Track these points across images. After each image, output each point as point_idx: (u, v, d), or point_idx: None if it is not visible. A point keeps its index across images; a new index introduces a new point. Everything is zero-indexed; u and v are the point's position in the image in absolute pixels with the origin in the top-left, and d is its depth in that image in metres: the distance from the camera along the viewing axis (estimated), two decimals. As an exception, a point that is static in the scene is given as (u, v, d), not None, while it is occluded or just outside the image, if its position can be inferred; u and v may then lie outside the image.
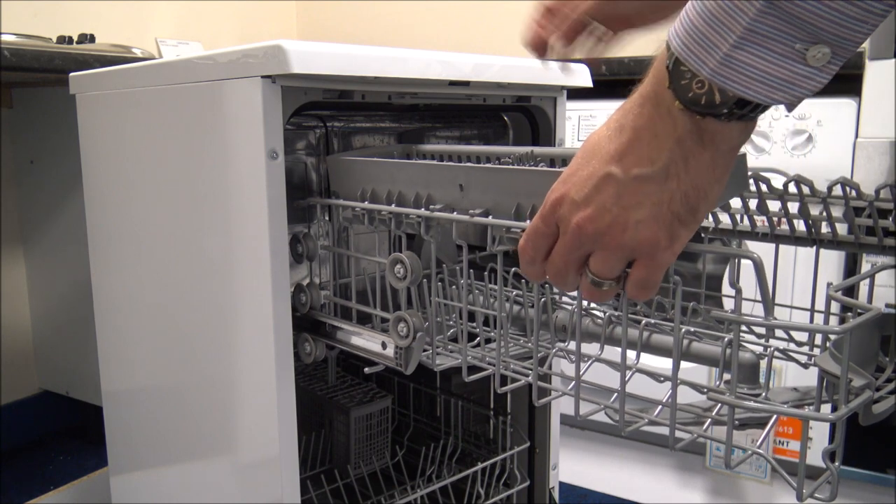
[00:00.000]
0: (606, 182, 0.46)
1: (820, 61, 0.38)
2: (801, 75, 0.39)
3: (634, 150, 0.45)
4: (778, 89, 0.39)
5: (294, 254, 0.81)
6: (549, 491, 1.06)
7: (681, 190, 0.45)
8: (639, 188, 0.45)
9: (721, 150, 0.44)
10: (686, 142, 0.43)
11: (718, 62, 0.39)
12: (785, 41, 0.38)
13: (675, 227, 0.46)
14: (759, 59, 0.39)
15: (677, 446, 0.55)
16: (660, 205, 0.45)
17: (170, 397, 0.90)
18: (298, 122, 0.96)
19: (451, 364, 0.72)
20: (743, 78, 0.39)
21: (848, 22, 0.37)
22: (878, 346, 0.56)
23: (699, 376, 1.00)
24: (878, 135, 1.26)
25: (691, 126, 0.43)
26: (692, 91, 0.41)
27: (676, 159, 0.44)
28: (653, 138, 0.44)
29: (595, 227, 0.46)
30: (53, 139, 1.66)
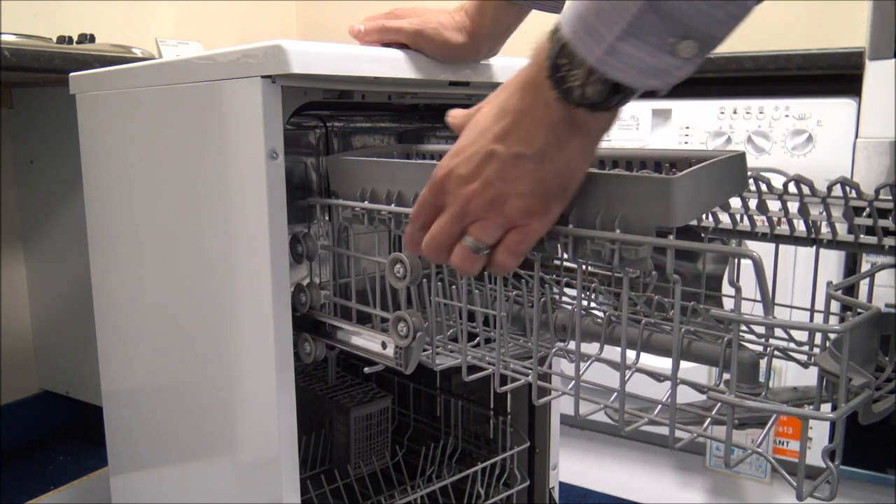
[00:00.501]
0: (490, 158, 0.51)
1: (689, 53, 0.44)
2: (672, 65, 0.44)
3: (515, 132, 0.50)
4: (652, 77, 0.45)
5: (294, 254, 0.81)
6: (549, 491, 1.06)
7: (555, 169, 0.50)
8: (519, 165, 0.50)
9: (590, 136, 0.50)
10: (560, 128, 0.49)
11: (604, 51, 0.44)
12: (661, 35, 0.43)
13: (548, 201, 0.52)
14: (638, 50, 0.44)
15: (677, 446, 0.55)
16: (536, 181, 0.51)
17: (170, 397, 0.90)
18: (298, 122, 0.96)
19: (450, 364, 0.72)
20: (624, 67, 0.44)
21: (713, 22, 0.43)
22: (877, 346, 0.56)
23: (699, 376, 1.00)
24: (878, 135, 1.26)
25: (565, 114, 0.48)
26: (568, 83, 0.46)
27: (551, 142, 0.49)
28: (532, 122, 0.49)
29: (481, 199, 0.52)
30: (53, 139, 1.66)
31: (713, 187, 0.56)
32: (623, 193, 0.53)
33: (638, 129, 1.52)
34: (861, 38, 1.31)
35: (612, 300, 0.82)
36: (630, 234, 0.52)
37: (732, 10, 0.42)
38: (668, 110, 1.49)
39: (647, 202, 0.52)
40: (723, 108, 1.43)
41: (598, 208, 0.55)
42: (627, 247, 0.52)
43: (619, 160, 0.73)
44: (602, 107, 0.47)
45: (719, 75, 1.43)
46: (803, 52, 1.35)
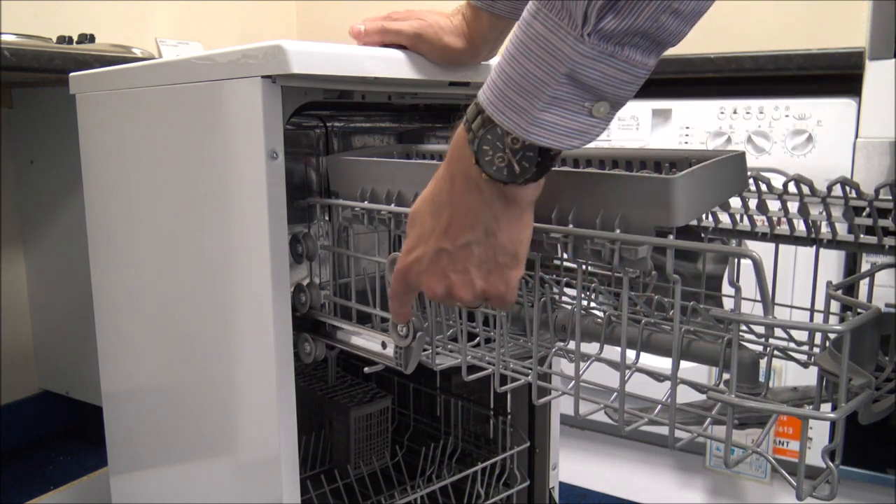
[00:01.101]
0: (440, 256, 0.56)
1: (602, 113, 0.48)
2: (589, 125, 0.49)
3: (456, 223, 0.55)
4: (575, 138, 0.49)
5: (294, 254, 0.81)
6: (549, 491, 1.06)
7: (500, 243, 0.54)
8: (468, 253, 0.55)
9: (523, 206, 0.54)
10: (495, 205, 0.53)
11: (529, 122, 0.48)
12: (577, 102, 0.48)
13: (505, 273, 0.56)
14: (560, 117, 0.48)
15: (677, 446, 0.55)
16: (488, 261, 0.55)
17: (170, 397, 0.90)
18: (298, 122, 0.96)
19: (450, 364, 0.72)
20: (548, 133, 0.48)
21: (621, 84, 0.47)
22: (877, 346, 0.56)
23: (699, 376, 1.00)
24: (878, 135, 1.26)
25: (497, 192, 0.52)
26: (495, 165, 0.51)
27: (490, 221, 0.54)
28: (468, 208, 0.54)
29: (443, 290, 0.58)
30: (53, 139, 1.66)
31: (713, 187, 0.56)
32: (623, 193, 0.53)
33: (638, 129, 1.52)
34: (861, 38, 1.31)
35: (612, 300, 0.82)
36: (630, 234, 0.52)
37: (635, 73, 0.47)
38: (668, 110, 1.49)
39: (647, 202, 0.52)
40: (723, 108, 1.43)
41: (598, 208, 0.55)
42: (627, 247, 0.52)
43: (619, 160, 0.73)
44: (529, 180, 0.51)
45: (719, 75, 1.43)
46: (803, 52, 1.35)
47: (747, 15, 1.81)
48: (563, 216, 0.57)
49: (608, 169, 0.74)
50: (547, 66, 0.46)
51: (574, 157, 0.79)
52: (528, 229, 0.55)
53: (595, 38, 0.45)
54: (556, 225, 0.57)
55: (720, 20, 1.95)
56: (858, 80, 1.29)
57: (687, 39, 0.49)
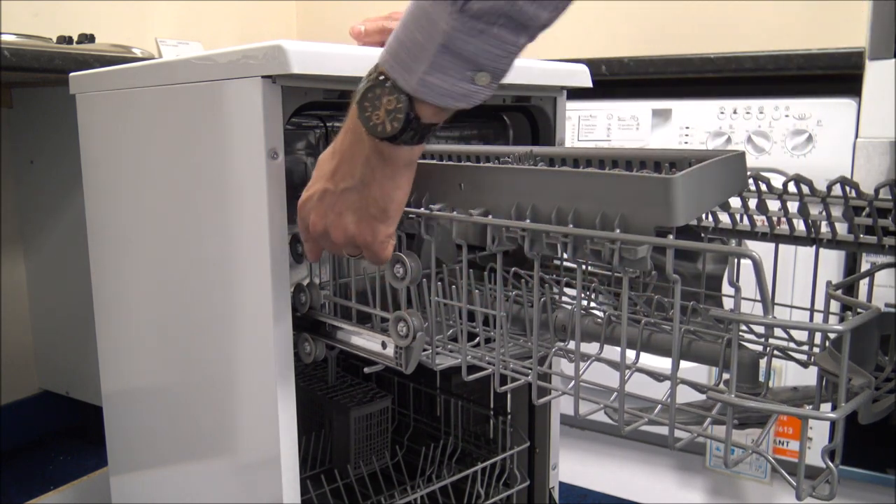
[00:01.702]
0: (325, 195, 0.63)
1: (484, 82, 0.54)
2: (472, 90, 0.55)
3: (341, 169, 0.62)
4: (459, 100, 0.55)
5: (294, 254, 0.81)
6: (548, 491, 1.06)
7: (373, 196, 0.61)
8: (346, 198, 0.62)
9: (397, 166, 0.60)
10: (372, 160, 0.59)
11: (417, 83, 0.54)
12: (458, 70, 0.53)
13: (374, 224, 0.62)
14: (443, 81, 0.54)
15: (677, 446, 0.55)
16: (361, 209, 0.62)
17: (170, 397, 0.90)
18: (298, 122, 0.96)
19: (450, 364, 0.72)
20: (434, 94, 0.54)
21: (496, 58, 0.53)
22: (877, 346, 0.56)
23: (699, 376, 1.00)
24: (878, 135, 1.26)
25: (375, 147, 0.59)
26: (372, 121, 0.57)
27: (367, 173, 0.60)
28: (351, 158, 0.61)
29: (321, 228, 0.65)
30: (53, 139, 1.66)
31: (713, 187, 0.56)
32: (623, 193, 0.53)
33: (638, 129, 1.52)
34: (861, 38, 1.31)
35: (612, 300, 0.82)
36: (630, 234, 0.52)
37: (507, 49, 0.53)
38: (668, 110, 1.49)
39: (647, 202, 0.52)
40: (723, 108, 1.43)
41: (598, 208, 0.55)
42: (627, 247, 0.52)
43: (619, 160, 0.73)
44: (398, 140, 0.57)
45: (719, 75, 1.43)
46: (803, 52, 1.35)
47: (747, 15, 1.81)
48: (562, 216, 0.57)
49: (608, 169, 0.74)
50: (428, 35, 0.52)
51: (574, 158, 0.79)
52: (401, 190, 0.61)
53: (466, 17, 0.50)
54: (556, 225, 0.57)
55: (720, 20, 1.95)
56: (858, 80, 1.29)
57: (687, 39, 0.49)
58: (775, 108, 1.38)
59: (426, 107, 0.55)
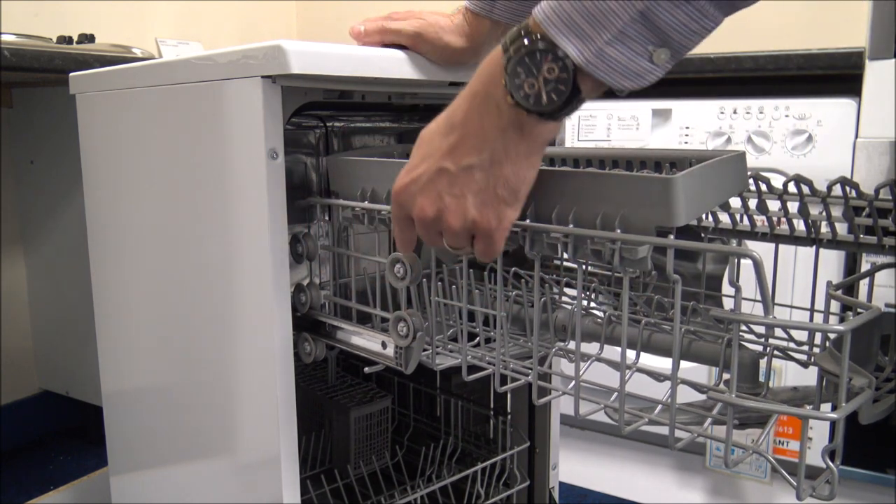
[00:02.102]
0: (441, 175, 0.55)
1: (662, 61, 0.48)
2: (646, 70, 0.48)
3: (463, 144, 0.53)
4: (629, 79, 0.49)
5: (294, 254, 0.81)
6: (548, 491, 1.06)
7: (503, 175, 0.53)
8: (469, 177, 0.54)
9: (536, 143, 0.53)
10: (509, 132, 0.52)
11: (594, 54, 0.48)
12: (642, 43, 0.47)
13: (501, 208, 0.54)
14: (622, 54, 0.48)
15: (677, 446, 0.55)
16: (486, 190, 0.54)
17: (170, 397, 0.90)
18: (298, 122, 0.96)
19: (451, 364, 0.72)
20: (606, 69, 0.48)
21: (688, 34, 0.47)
22: (877, 346, 0.56)
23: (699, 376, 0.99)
24: (878, 135, 1.26)
25: (515, 120, 0.51)
26: (523, 91, 0.50)
27: (499, 149, 0.52)
28: (479, 130, 0.53)
29: (433, 213, 0.56)
30: (53, 139, 1.66)
31: (713, 187, 0.56)
32: (623, 193, 0.53)
33: (638, 129, 1.52)
34: (861, 38, 1.31)
35: (612, 300, 0.82)
36: (630, 234, 0.52)
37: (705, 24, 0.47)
38: (668, 110, 1.49)
39: (647, 202, 0.52)
40: (723, 108, 1.43)
41: (598, 208, 0.55)
42: (627, 247, 0.52)
43: (619, 160, 0.74)
44: (553, 115, 0.50)
45: (719, 75, 1.43)
46: (803, 52, 1.35)
47: (747, 15, 1.80)
48: (563, 216, 0.57)
49: (608, 169, 0.74)
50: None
51: (574, 158, 0.79)
52: (535, 170, 0.54)
53: None
54: (557, 225, 0.57)
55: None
56: (858, 80, 1.29)
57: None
58: (775, 108, 1.38)
59: (589, 81, 0.49)
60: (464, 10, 0.78)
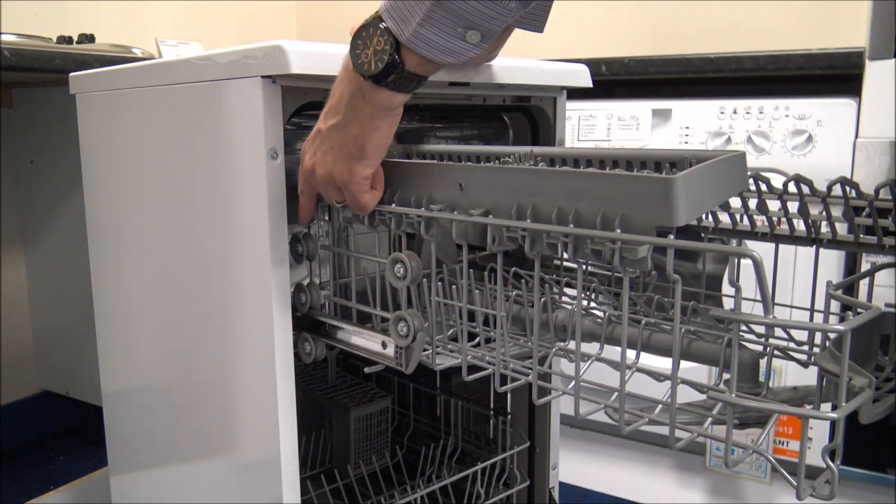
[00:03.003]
0: (317, 134, 0.67)
1: (474, 40, 0.57)
2: (463, 48, 0.58)
3: (331, 109, 0.65)
4: (449, 55, 0.58)
5: (294, 254, 0.81)
6: (549, 491, 1.06)
7: (352, 134, 0.63)
8: (330, 136, 0.65)
9: (376, 107, 0.61)
10: (355, 98, 0.62)
11: (411, 33, 0.57)
12: (451, 26, 0.56)
13: (351, 163, 0.64)
14: (436, 35, 0.57)
15: (677, 446, 0.55)
16: (341, 147, 0.64)
17: (170, 397, 0.90)
18: (298, 123, 0.96)
19: (451, 363, 0.72)
20: (426, 47, 0.57)
21: (487, 19, 0.56)
22: (877, 345, 0.56)
23: (699, 376, 1.00)
24: (878, 135, 1.26)
25: (358, 86, 0.61)
26: (360, 59, 0.59)
27: (349, 111, 0.62)
28: (339, 97, 0.63)
29: (310, 167, 0.68)
30: (53, 139, 1.66)
31: (713, 187, 0.56)
32: (623, 193, 0.53)
33: (638, 129, 1.52)
34: (861, 38, 1.31)
35: (612, 300, 0.82)
36: (630, 234, 0.52)
37: (499, 11, 0.55)
38: (668, 110, 1.49)
39: (647, 202, 0.52)
40: (723, 108, 1.43)
41: (598, 208, 0.55)
42: (627, 246, 0.52)
43: (619, 160, 0.73)
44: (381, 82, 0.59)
45: (719, 75, 1.43)
46: (803, 52, 1.35)
47: (747, 15, 1.81)
48: (563, 216, 0.57)
49: (608, 169, 0.74)
50: None
51: (574, 158, 0.79)
52: (380, 132, 0.63)
53: None
54: (556, 225, 0.57)
55: (720, 20, 1.95)
56: (858, 80, 1.29)
57: (687, 39, 0.49)
58: (775, 108, 1.38)
59: (413, 56, 0.58)
60: None
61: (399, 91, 0.61)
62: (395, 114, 0.63)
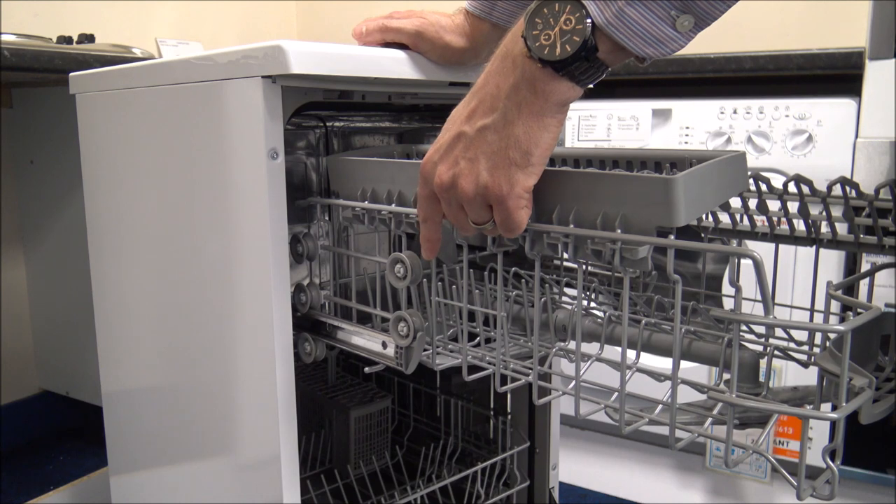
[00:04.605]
0: (458, 140, 0.55)
1: (685, 28, 0.47)
2: (669, 37, 0.48)
3: (480, 107, 0.53)
4: (650, 45, 0.48)
5: (294, 254, 0.81)
6: (548, 491, 1.06)
7: (514, 135, 0.52)
8: (482, 139, 0.53)
9: (550, 101, 0.51)
10: (522, 89, 0.51)
11: (614, 14, 0.47)
12: (665, 7, 0.46)
13: (512, 171, 0.53)
14: (644, 18, 0.47)
15: (677, 446, 0.55)
16: (499, 153, 0.52)
17: (170, 397, 0.90)
18: (298, 122, 0.96)
19: (451, 364, 0.72)
20: (627, 31, 0.47)
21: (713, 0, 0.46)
22: (877, 346, 0.56)
23: (699, 376, 1.00)
24: (878, 135, 1.26)
25: (529, 74, 0.50)
26: (539, 41, 0.49)
27: (511, 107, 0.51)
28: (495, 90, 0.52)
29: (449, 178, 0.55)
30: (53, 139, 1.66)
31: (713, 187, 0.56)
32: (623, 193, 0.53)
33: (638, 129, 1.52)
34: (861, 38, 1.31)
35: (612, 300, 0.83)
36: (630, 234, 0.52)
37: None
38: (668, 110, 1.49)
39: (647, 202, 0.52)
40: (723, 108, 1.43)
41: (598, 208, 0.55)
42: (628, 247, 0.52)
43: (619, 160, 0.74)
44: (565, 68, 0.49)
45: (719, 75, 1.43)
46: (803, 52, 1.35)
47: (747, 15, 1.81)
48: (563, 216, 0.57)
49: (608, 169, 0.74)
50: None
51: (575, 158, 0.79)
52: (548, 132, 0.52)
53: None
54: (557, 225, 0.57)
55: (720, 20, 1.95)
56: (858, 80, 1.29)
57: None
58: (775, 108, 1.38)
59: (607, 42, 0.48)
60: (464, 11, 0.78)
61: (580, 83, 0.51)
62: (566, 111, 0.53)
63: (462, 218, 0.57)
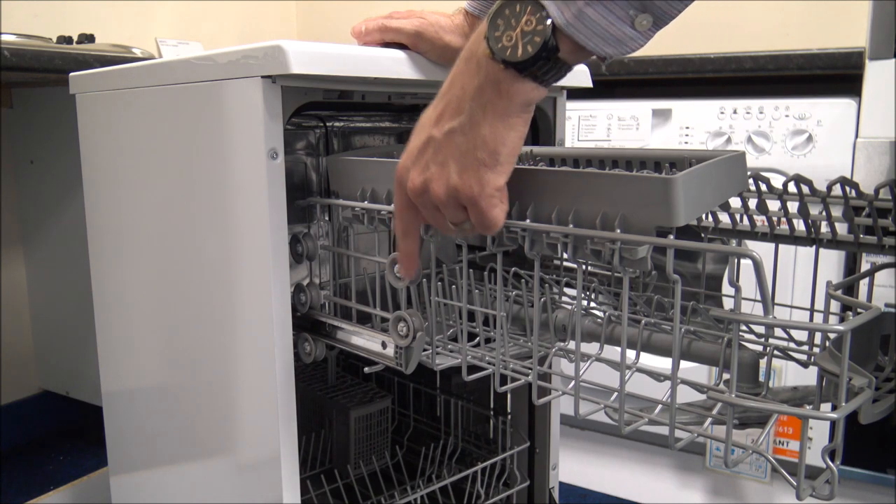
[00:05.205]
0: (427, 144, 0.55)
1: (644, 27, 0.48)
2: (628, 36, 0.48)
3: (447, 110, 0.54)
4: (611, 45, 0.48)
5: (294, 254, 0.81)
6: (548, 491, 1.06)
7: (481, 135, 0.52)
8: (450, 142, 0.53)
9: (514, 102, 0.51)
10: (486, 90, 0.51)
11: (573, 14, 0.47)
12: (623, 6, 0.47)
13: (481, 172, 0.53)
14: (603, 18, 0.47)
15: (677, 446, 0.55)
16: (467, 154, 0.53)
17: (170, 397, 0.90)
18: (298, 122, 0.96)
19: (451, 364, 0.72)
20: (587, 31, 0.48)
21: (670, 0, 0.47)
22: (877, 346, 0.56)
23: (699, 376, 1.00)
24: (878, 135, 1.26)
25: (492, 76, 0.51)
26: (501, 42, 0.49)
27: (477, 108, 0.52)
28: (461, 93, 0.53)
29: (421, 183, 0.56)
30: (53, 139, 1.66)
31: (713, 187, 0.56)
32: (623, 193, 0.53)
33: (638, 129, 1.52)
34: (861, 38, 1.31)
35: (612, 300, 0.83)
36: (630, 234, 0.52)
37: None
38: (668, 110, 1.49)
39: (647, 202, 0.52)
40: (723, 108, 1.43)
41: (597, 208, 0.55)
42: (627, 247, 0.52)
43: (619, 160, 0.74)
44: (527, 70, 0.50)
45: (719, 75, 1.43)
46: (803, 52, 1.35)
47: (747, 15, 1.81)
48: (563, 216, 0.57)
49: (608, 169, 0.74)
50: None
51: (575, 158, 0.79)
52: (515, 131, 0.53)
53: None
54: (556, 225, 0.57)
55: (720, 20, 1.95)
56: (858, 80, 1.29)
57: (687, 39, 0.49)
58: (775, 108, 1.38)
59: (568, 42, 0.49)
60: (464, 11, 0.78)
61: (543, 83, 0.51)
62: (531, 110, 0.53)
63: (440, 219, 0.58)
